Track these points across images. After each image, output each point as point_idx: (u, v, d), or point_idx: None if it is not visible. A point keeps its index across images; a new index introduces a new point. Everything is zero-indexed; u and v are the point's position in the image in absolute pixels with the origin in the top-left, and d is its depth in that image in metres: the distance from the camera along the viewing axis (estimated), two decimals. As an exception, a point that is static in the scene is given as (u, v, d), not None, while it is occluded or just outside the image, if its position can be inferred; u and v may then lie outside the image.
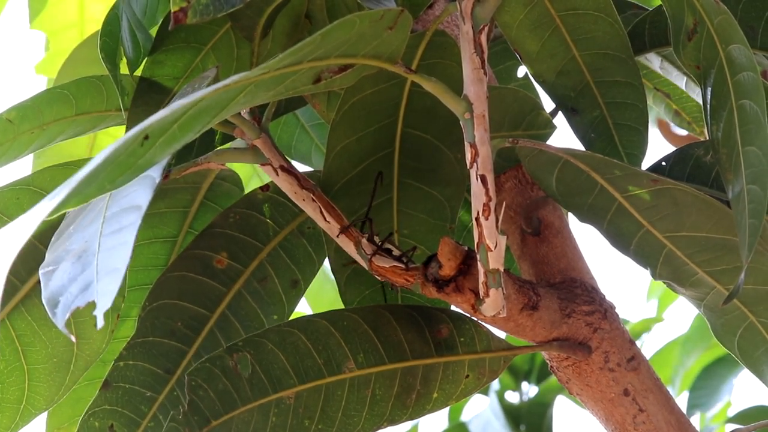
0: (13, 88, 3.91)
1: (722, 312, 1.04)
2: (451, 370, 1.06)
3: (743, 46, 0.94)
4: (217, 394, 1.02)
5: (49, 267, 0.83)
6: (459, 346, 1.06)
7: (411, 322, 1.06)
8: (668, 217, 1.01)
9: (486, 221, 0.94)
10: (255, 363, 1.02)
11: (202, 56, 1.09)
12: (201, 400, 1.01)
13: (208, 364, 1.02)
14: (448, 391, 1.07)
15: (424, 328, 1.06)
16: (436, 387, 1.06)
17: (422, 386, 1.06)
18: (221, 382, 1.02)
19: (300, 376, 1.03)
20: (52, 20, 1.72)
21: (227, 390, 1.02)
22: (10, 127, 1.06)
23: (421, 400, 1.06)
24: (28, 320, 1.08)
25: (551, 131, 1.09)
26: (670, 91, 1.35)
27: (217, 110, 0.79)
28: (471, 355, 1.07)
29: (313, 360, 1.03)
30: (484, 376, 1.07)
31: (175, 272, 1.10)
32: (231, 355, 1.02)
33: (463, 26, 0.94)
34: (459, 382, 1.07)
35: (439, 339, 1.06)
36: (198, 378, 1.01)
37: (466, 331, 1.06)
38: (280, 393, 1.03)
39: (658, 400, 1.09)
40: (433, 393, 1.06)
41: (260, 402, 1.03)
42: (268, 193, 1.12)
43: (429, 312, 1.06)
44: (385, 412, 1.05)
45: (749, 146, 0.94)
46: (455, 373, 1.06)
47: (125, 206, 0.79)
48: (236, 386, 1.02)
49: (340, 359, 1.04)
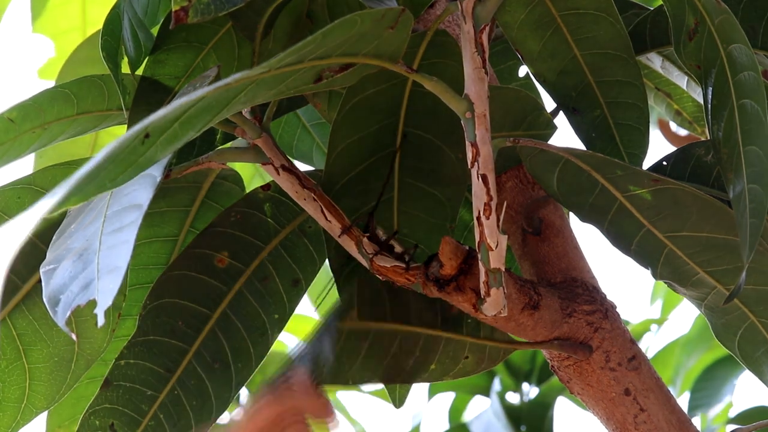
0: (15, 92, 3.91)
1: (723, 312, 1.05)
2: (452, 347, 1.07)
3: (744, 46, 0.94)
4: None
5: (50, 265, 0.83)
6: (464, 326, 1.07)
7: None
8: (669, 217, 1.01)
9: (487, 221, 0.94)
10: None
11: (203, 56, 1.09)
12: None
13: None
14: (446, 366, 1.07)
15: (436, 301, 1.05)
16: (435, 359, 1.07)
17: (421, 353, 1.06)
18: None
19: None
20: (55, 23, 1.72)
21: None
22: (11, 127, 1.06)
23: (418, 367, 1.06)
24: (29, 319, 1.09)
25: (552, 131, 1.09)
26: (671, 91, 1.36)
27: (218, 109, 0.79)
28: (473, 339, 1.07)
29: None
30: (482, 362, 1.08)
31: (176, 271, 1.10)
32: None
33: (464, 26, 0.94)
34: (458, 360, 1.07)
35: (447, 315, 1.06)
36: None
37: (473, 316, 1.07)
38: None
39: (659, 400, 1.09)
40: (431, 364, 1.07)
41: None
42: (269, 193, 1.12)
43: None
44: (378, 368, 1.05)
45: (750, 146, 0.94)
46: (455, 351, 1.07)
47: (126, 205, 0.79)
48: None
49: None
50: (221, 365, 1.10)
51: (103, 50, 1.06)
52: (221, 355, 1.10)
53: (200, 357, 1.09)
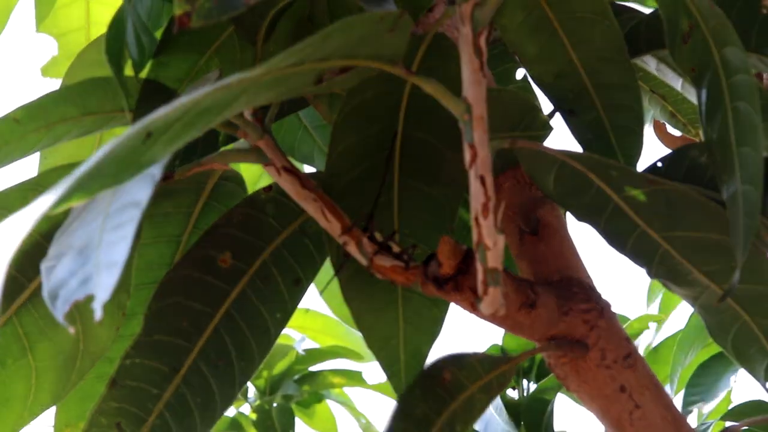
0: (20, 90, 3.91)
1: (716, 311, 1.05)
2: (468, 403, 1.07)
3: (738, 49, 0.95)
4: None
5: (51, 262, 0.84)
6: (464, 380, 1.07)
7: (423, 389, 1.07)
8: (664, 217, 1.02)
9: (485, 221, 0.95)
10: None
11: (206, 59, 1.10)
12: None
13: None
14: (467, 421, 1.07)
15: (432, 386, 1.06)
16: (457, 421, 1.07)
17: (446, 426, 1.07)
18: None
19: None
20: (59, 24, 1.72)
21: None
22: (16, 127, 1.07)
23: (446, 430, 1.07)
24: (35, 317, 1.09)
25: (548, 132, 1.09)
26: (666, 93, 1.36)
27: (220, 110, 0.79)
28: (478, 383, 1.07)
29: None
30: (493, 390, 1.08)
31: (180, 272, 1.11)
32: None
33: (462, 29, 0.94)
34: (474, 410, 1.08)
35: (446, 385, 1.07)
36: None
37: (466, 364, 1.07)
38: None
39: (654, 397, 1.10)
40: (456, 427, 1.07)
41: None
42: (271, 194, 1.12)
43: (430, 371, 1.07)
44: None
45: (744, 147, 0.94)
46: (470, 403, 1.07)
47: (126, 202, 0.80)
48: None
49: None
50: (225, 363, 1.11)
51: (107, 53, 1.07)
52: (225, 353, 1.11)
53: (204, 356, 1.10)
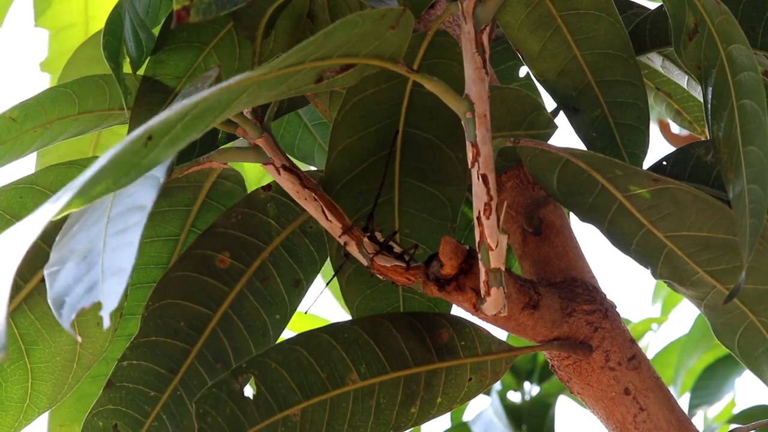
0: (18, 85, 3.92)
1: (722, 311, 1.05)
2: (454, 374, 1.06)
3: (744, 46, 0.94)
4: (225, 419, 1.02)
5: (54, 267, 0.83)
6: (460, 350, 1.07)
7: (411, 330, 1.06)
8: (669, 217, 1.01)
9: (487, 220, 0.94)
10: (260, 383, 1.03)
11: (204, 56, 1.09)
12: (210, 427, 1.01)
13: (214, 390, 1.02)
14: (452, 395, 1.07)
15: (425, 335, 1.06)
16: (440, 392, 1.06)
17: (426, 392, 1.06)
18: (228, 407, 1.02)
19: (305, 392, 1.04)
20: (57, 18, 1.72)
21: (234, 414, 1.02)
22: (13, 126, 1.06)
23: (426, 405, 1.06)
24: (31, 319, 1.08)
25: (552, 131, 1.09)
26: (672, 91, 1.36)
27: (220, 110, 0.79)
28: (473, 359, 1.07)
29: (317, 375, 1.04)
30: (486, 378, 1.08)
31: (177, 272, 1.10)
32: (236, 378, 1.02)
33: (464, 26, 0.94)
34: (462, 385, 1.07)
35: (440, 344, 1.06)
36: (205, 405, 1.02)
37: (466, 335, 1.07)
38: (286, 411, 1.03)
39: (658, 399, 1.10)
40: (437, 398, 1.06)
41: (267, 422, 1.03)
42: (270, 193, 1.12)
43: (429, 318, 1.07)
44: (390, 420, 1.06)
45: (750, 146, 0.94)
46: (458, 377, 1.07)
47: (130, 206, 0.79)
48: (243, 409, 1.02)
49: (342, 372, 1.04)
50: (223, 365, 1.10)
51: (104, 50, 1.07)
52: (223, 355, 1.10)
53: (202, 357, 1.10)
